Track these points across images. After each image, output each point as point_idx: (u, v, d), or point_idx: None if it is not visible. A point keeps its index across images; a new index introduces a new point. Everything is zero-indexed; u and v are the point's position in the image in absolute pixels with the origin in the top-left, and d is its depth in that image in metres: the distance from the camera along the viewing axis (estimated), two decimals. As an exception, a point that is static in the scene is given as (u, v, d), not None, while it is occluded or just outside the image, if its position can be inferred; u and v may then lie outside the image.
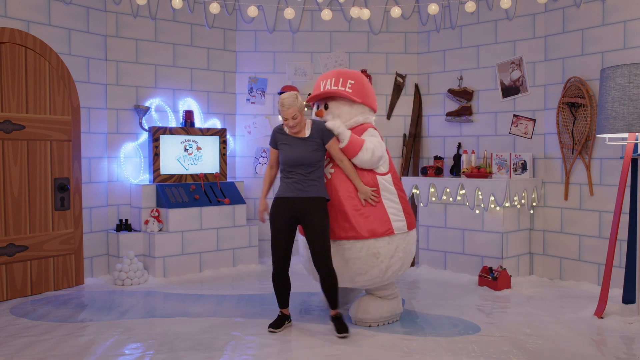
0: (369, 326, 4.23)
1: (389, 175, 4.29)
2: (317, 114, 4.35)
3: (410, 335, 4.04)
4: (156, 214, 5.89)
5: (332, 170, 4.22)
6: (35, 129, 5.22)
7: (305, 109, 4.21)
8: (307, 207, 4.04)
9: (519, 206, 5.75)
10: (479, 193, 5.71)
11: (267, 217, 4.29)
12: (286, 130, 4.17)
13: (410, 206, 4.40)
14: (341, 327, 4.03)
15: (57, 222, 5.42)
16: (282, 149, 4.16)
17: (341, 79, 4.28)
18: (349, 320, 4.32)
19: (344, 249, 4.14)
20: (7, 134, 5.02)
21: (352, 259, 4.13)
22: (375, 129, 4.36)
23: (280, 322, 4.19)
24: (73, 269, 5.54)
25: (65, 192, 5.44)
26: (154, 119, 6.24)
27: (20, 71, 5.11)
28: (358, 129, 4.28)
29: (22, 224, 5.15)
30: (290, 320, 4.30)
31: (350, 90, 4.25)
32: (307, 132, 4.13)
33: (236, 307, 4.66)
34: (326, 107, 4.31)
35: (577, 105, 5.51)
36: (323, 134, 4.12)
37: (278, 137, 4.19)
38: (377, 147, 4.16)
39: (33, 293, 5.22)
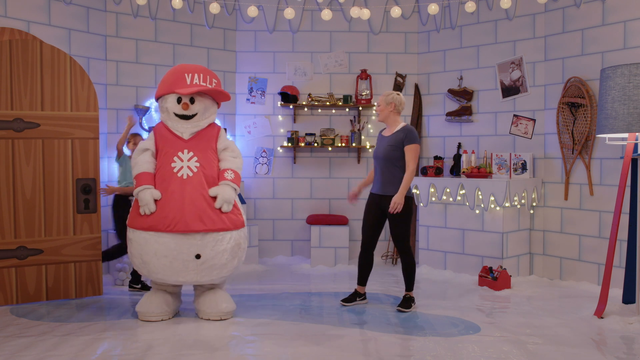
0: (220, 319, 4.36)
1: None
2: (183, 107, 4.33)
3: (410, 335, 4.04)
4: (156, 214, 5.88)
5: (198, 164, 4.30)
6: (53, 127, 4.92)
7: (392, 108, 4.66)
8: (387, 205, 4.59)
9: (519, 206, 5.75)
10: (479, 193, 5.71)
11: (355, 203, 5.08)
12: (384, 130, 4.84)
13: None
14: (406, 304, 4.64)
15: (80, 226, 5.05)
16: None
17: (208, 77, 4.42)
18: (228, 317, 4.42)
19: (215, 240, 4.20)
20: (18, 132, 4.79)
21: (221, 251, 4.21)
22: (220, 127, 4.59)
23: (352, 298, 4.80)
24: (99, 276, 5.15)
25: (90, 194, 5.05)
26: (154, 119, 6.24)
27: (34, 67, 4.86)
28: (210, 128, 4.47)
29: (35, 226, 4.86)
30: (365, 298, 4.88)
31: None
32: (394, 130, 4.67)
33: (236, 307, 4.65)
34: (192, 101, 4.36)
35: (577, 105, 5.52)
36: (406, 135, 4.59)
37: (379, 137, 4.85)
38: (240, 156, 4.52)
39: (49, 298, 4.95)
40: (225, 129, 6.49)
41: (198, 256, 4.16)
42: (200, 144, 4.35)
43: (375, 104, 4.63)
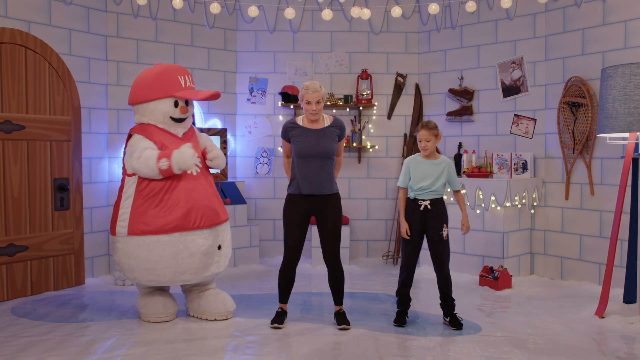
0: (221, 319, 4.39)
1: None
2: (181, 111, 4.30)
3: (410, 335, 4.04)
4: (157, 214, 5.88)
5: (199, 160, 4.29)
6: (35, 129, 5.22)
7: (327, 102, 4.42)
8: (322, 205, 4.18)
9: (519, 206, 5.75)
10: (480, 193, 5.71)
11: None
12: (299, 121, 4.22)
13: None
14: (344, 320, 4.23)
15: (57, 222, 5.41)
16: (295, 141, 4.17)
17: (191, 77, 4.49)
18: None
19: (226, 229, 4.42)
20: (7, 134, 5.02)
21: (229, 238, 4.46)
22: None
23: (282, 318, 4.27)
24: (72, 269, 5.54)
25: (64, 192, 5.43)
26: (155, 119, 6.24)
27: (20, 71, 5.11)
28: (191, 130, 4.53)
29: (22, 224, 5.15)
30: (286, 317, 4.36)
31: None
32: (325, 124, 4.22)
33: (236, 307, 4.65)
34: (187, 104, 4.41)
35: (578, 105, 5.51)
36: (342, 129, 4.26)
37: (290, 131, 4.22)
38: None
39: (33, 293, 5.22)
40: (225, 129, 6.55)
41: (219, 247, 4.30)
42: (192, 140, 4.42)
43: (313, 99, 4.11)
